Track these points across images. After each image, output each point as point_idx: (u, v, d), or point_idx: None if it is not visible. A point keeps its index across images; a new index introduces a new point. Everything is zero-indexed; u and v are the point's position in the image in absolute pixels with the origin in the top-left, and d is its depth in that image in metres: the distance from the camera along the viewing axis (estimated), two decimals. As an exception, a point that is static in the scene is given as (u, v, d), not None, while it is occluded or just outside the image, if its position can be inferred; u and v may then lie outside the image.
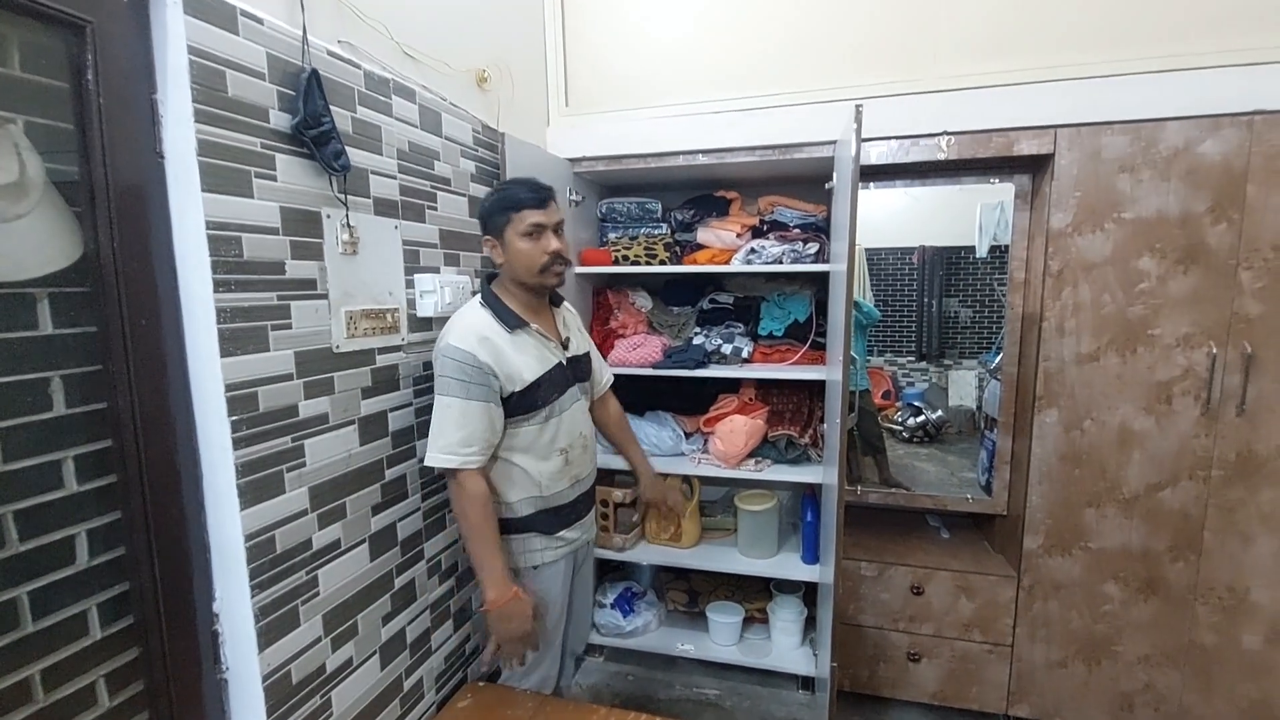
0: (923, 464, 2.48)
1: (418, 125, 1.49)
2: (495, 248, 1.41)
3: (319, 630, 1.23)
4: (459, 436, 1.31)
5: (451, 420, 1.31)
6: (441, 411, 1.32)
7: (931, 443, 2.53)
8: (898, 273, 2.46)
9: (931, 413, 2.51)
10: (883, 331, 2.44)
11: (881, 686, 2.19)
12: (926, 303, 2.42)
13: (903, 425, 2.56)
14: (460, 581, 1.72)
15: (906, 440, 2.55)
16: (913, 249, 2.43)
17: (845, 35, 1.99)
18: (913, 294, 2.43)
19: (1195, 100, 1.70)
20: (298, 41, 1.14)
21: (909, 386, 2.55)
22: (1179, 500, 1.83)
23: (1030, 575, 1.99)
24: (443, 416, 1.31)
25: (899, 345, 2.50)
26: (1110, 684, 1.97)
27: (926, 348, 2.47)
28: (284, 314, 1.13)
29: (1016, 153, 1.84)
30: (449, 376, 1.31)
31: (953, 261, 2.25)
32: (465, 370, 1.30)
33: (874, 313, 2.38)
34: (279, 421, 1.13)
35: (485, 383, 1.32)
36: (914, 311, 2.44)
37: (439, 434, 1.31)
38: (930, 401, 2.52)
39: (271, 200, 1.10)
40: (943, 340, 2.41)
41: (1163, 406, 1.81)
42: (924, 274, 2.41)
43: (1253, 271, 1.70)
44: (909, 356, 2.51)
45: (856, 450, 2.51)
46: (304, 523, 1.19)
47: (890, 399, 2.58)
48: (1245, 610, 1.83)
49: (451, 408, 1.30)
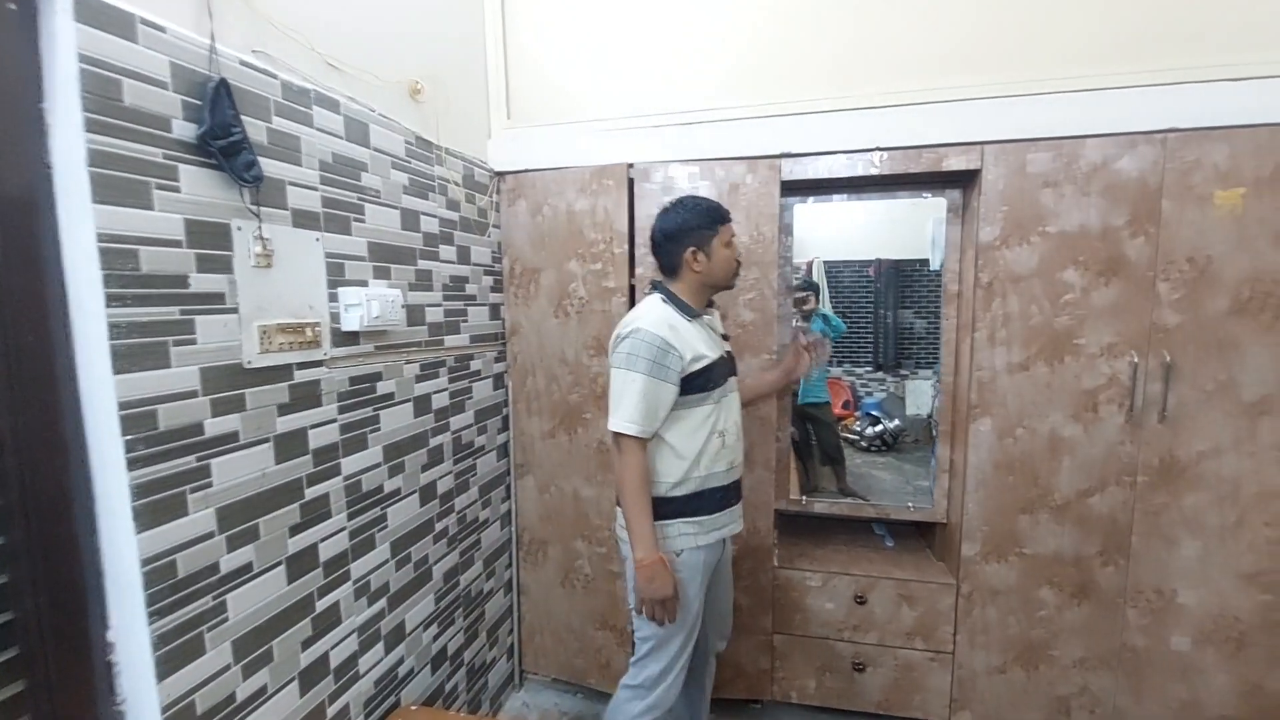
0: (880, 472, 2.51)
1: (343, 136, 1.46)
2: (697, 256, 1.58)
3: (228, 657, 1.18)
4: (641, 409, 1.47)
5: (635, 393, 1.47)
6: (625, 385, 1.48)
7: (889, 451, 2.56)
8: (856, 285, 2.50)
9: (889, 422, 2.54)
10: (842, 343, 2.47)
11: (828, 697, 2.19)
12: (883, 314, 2.46)
13: (861, 435, 2.59)
14: (393, 602, 1.68)
15: (865, 450, 2.58)
16: (870, 262, 2.47)
17: (783, 53, 2.02)
18: (870, 306, 2.47)
19: (1112, 119, 1.76)
20: (205, 50, 1.11)
21: (867, 396, 2.58)
22: (1107, 505, 1.88)
23: (969, 582, 2.02)
24: (626, 388, 1.48)
25: (857, 356, 2.54)
26: (1048, 688, 2.00)
27: (884, 358, 2.51)
28: (187, 329, 1.09)
29: (946, 168, 1.88)
30: (640, 355, 1.47)
31: (908, 274, 2.29)
32: (655, 350, 1.47)
33: (840, 325, 2.41)
34: (181, 440, 1.08)
35: (670, 364, 1.48)
36: (871, 323, 2.47)
37: (623, 404, 1.48)
38: (888, 411, 2.56)
39: (174, 212, 1.07)
40: (899, 351, 2.44)
41: (1090, 414, 1.86)
42: (880, 286, 2.45)
43: (1169, 283, 1.77)
44: (867, 367, 2.55)
45: (815, 460, 2.53)
46: (210, 545, 1.14)
47: (849, 409, 2.61)
48: (1173, 612, 1.88)
49: (635, 382, 1.47)
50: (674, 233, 1.59)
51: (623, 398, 1.48)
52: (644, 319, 1.52)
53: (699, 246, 1.58)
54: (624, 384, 1.49)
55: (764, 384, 1.96)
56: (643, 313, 1.55)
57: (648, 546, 1.48)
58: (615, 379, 1.51)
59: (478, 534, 2.12)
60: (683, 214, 1.59)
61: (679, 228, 1.58)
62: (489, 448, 2.18)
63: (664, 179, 2.07)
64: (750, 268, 2.05)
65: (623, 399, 1.48)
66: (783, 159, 1.99)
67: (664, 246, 1.61)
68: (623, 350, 1.50)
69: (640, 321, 1.52)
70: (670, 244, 1.60)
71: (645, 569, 1.47)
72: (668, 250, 1.60)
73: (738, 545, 2.16)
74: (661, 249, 1.62)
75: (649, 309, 1.56)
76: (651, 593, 1.48)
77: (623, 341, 1.51)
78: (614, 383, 1.52)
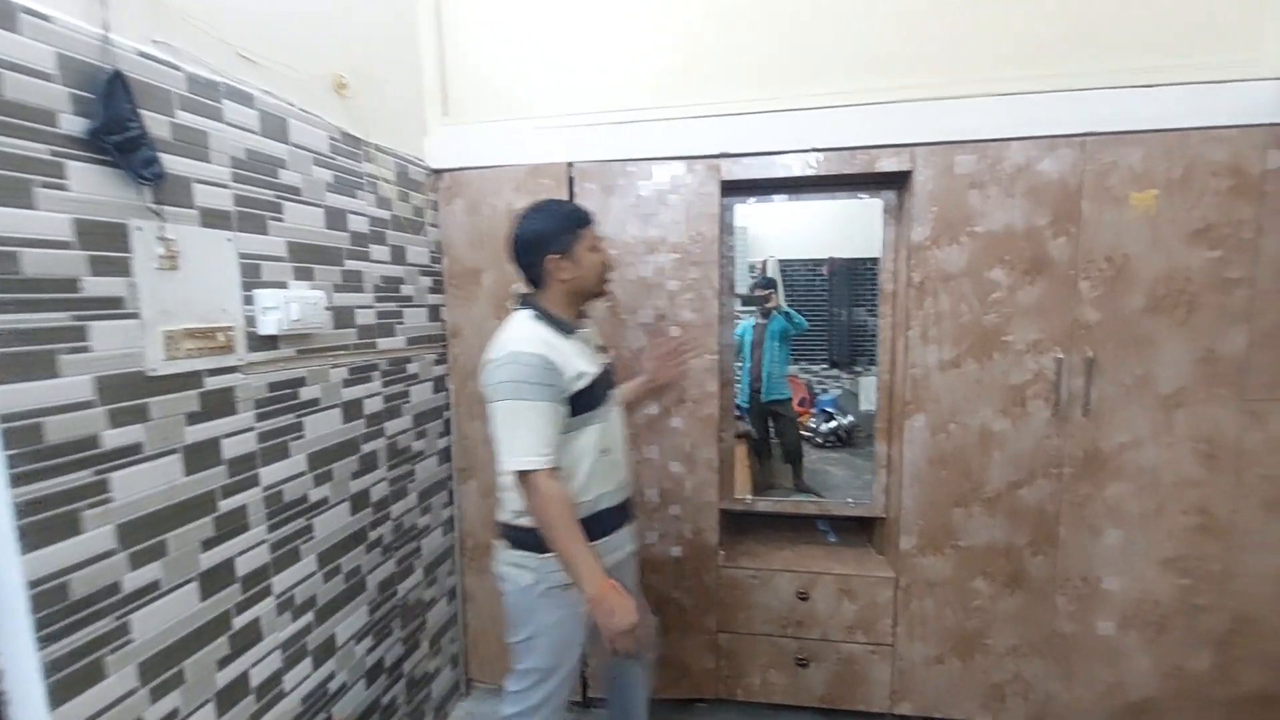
0: (834, 468, 2.54)
1: (257, 132, 1.40)
2: (561, 264, 1.46)
3: (132, 681, 1.12)
4: (538, 438, 1.33)
5: (525, 422, 1.33)
6: (515, 415, 1.34)
7: (843, 447, 2.59)
8: (810, 283, 2.52)
9: (843, 418, 2.58)
10: (797, 340, 2.49)
11: (773, 693, 2.21)
12: (836, 312, 2.49)
13: (815, 431, 2.62)
14: (321, 615, 1.62)
15: (820, 446, 2.61)
16: (823, 260, 2.49)
17: (721, 54, 2.03)
18: (824, 304, 2.49)
19: (1033, 122, 1.81)
20: (98, 41, 1.05)
21: (823, 393, 2.61)
22: (1036, 497, 1.93)
23: (906, 575, 2.06)
24: (517, 420, 1.34)
25: (813, 353, 2.56)
26: (983, 676, 2.05)
27: (838, 355, 2.54)
28: (80, 336, 1.03)
29: (879, 169, 1.92)
30: (521, 381, 1.33)
31: (859, 272, 2.32)
32: (536, 372, 1.34)
33: (802, 323, 2.43)
34: (74, 454, 1.02)
35: (555, 383, 1.37)
36: (825, 320, 2.50)
37: (518, 438, 1.33)
38: (842, 407, 2.59)
39: (62, 212, 1.00)
40: (853, 348, 2.47)
41: (1018, 409, 1.91)
42: (834, 284, 2.48)
43: (1090, 281, 1.83)
44: (822, 364, 2.57)
45: (774, 458, 2.55)
46: (111, 564, 1.08)
47: (805, 406, 2.63)
48: (1099, 599, 1.95)
49: (521, 411, 1.33)
50: (533, 240, 1.47)
51: (515, 430, 1.34)
52: (517, 340, 1.39)
53: (561, 253, 1.46)
54: (512, 415, 1.34)
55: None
56: (514, 334, 1.42)
57: (596, 578, 1.33)
58: (497, 411, 1.35)
59: (417, 541, 2.06)
60: (541, 219, 1.48)
61: (538, 234, 1.46)
62: (429, 452, 2.13)
63: (603, 177, 2.05)
64: (690, 267, 2.05)
65: (516, 431, 1.33)
66: (721, 159, 2.00)
67: (524, 256, 1.49)
68: (501, 378, 1.35)
69: (514, 344, 1.38)
70: (530, 253, 1.47)
71: (601, 603, 1.33)
72: (529, 260, 1.48)
73: (682, 546, 2.16)
74: (522, 259, 1.49)
75: (519, 328, 1.43)
76: (616, 624, 1.33)
77: (500, 368, 1.36)
78: (497, 416, 1.35)
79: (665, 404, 2.11)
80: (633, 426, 2.13)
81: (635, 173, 2.04)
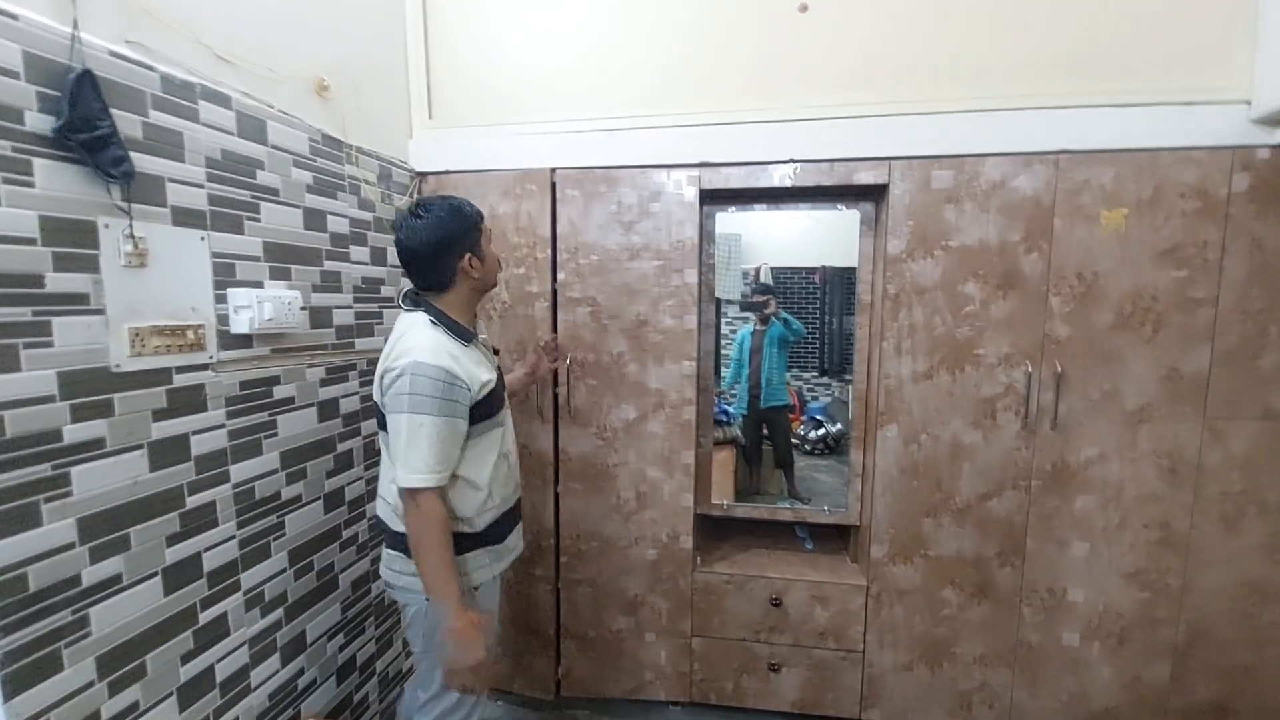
0: (821, 475, 2.56)
1: (234, 132, 1.41)
2: (473, 262, 1.45)
3: (90, 674, 1.13)
4: (436, 455, 1.31)
5: (427, 438, 1.30)
6: (413, 430, 1.30)
7: (832, 454, 2.60)
8: (802, 292, 2.54)
9: (831, 425, 2.59)
10: (790, 348, 2.50)
11: (745, 698, 2.22)
12: (828, 320, 2.50)
13: (804, 439, 2.64)
14: (291, 612, 1.63)
15: (809, 453, 2.62)
16: (815, 269, 2.51)
17: (703, 64, 2.04)
18: (816, 312, 2.51)
19: (1008, 139, 1.84)
20: (66, 39, 1.06)
21: (813, 400, 2.62)
22: (1004, 509, 1.95)
23: (878, 583, 2.07)
24: (416, 435, 1.30)
25: (804, 361, 2.58)
26: (951, 684, 2.07)
27: (828, 363, 2.55)
28: (42, 331, 1.04)
29: (857, 181, 1.94)
30: (425, 395, 1.29)
31: (850, 281, 2.33)
32: (441, 387, 1.31)
33: (800, 329, 2.45)
34: (33, 448, 1.03)
35: (459, 398, 1.34)
36: (817, 328, 2.51)
37: (415, 453, 1.30)
38: (831, 415, 2.60)
39: (26, 208, 1.01)
40: (843, 356, 2.49)
41: (988, 421, 1.93)
42: (826, 293, 2.49)
43: (1060, 297, 1.85)
44: (813, 371, 2.59)
45: (765, 463, 2.56)
46: (69, 557, 1.09)
47: (795, 413, 2.65)
48: (1064, 610, 1.97)
49: (425, 425, 1.30)
50: (444, 241, 1.40)
51: (414, 445, 1.30)
52: (416, 349, 1.33)
53: (473, 251, 1.44)
54: (413, 429, 1.29)
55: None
56: (414, 342, 1.35)
57: (458, 609, 1.33)
58: (400, 424, 1.31)
59: (392, 540, 2.07)
60: (449, 219, 1.41)
61: (451, 235, 1.40)
62: (405, 452, 2.14)
63: (587, 184, 2.07)
64: (671, 274, 2.07)
65: (414, 446, 1.29)
66: (702, 168, 2.01)
67: (436, 259, 1.41)
68: (401, 389, 1.30)
69: (413, 354, 1.32)
70: (443, 255, 1.41)
71: (460, 634, 1.33)
72: (441, 263, 1.42)
73: (658, 550, 2.18)
74: (432, 262, 1.41)
75: (419, 336, 1.36)
76: (465, 659, 1.34)
77: (399, 379, 1.31)
78: (399, 429, 1.31)
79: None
80: (610, 431, 2.15)
81: (618, 179, 2.05)
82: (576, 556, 2.23)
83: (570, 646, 2.28)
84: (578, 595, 2.25)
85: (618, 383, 2.14)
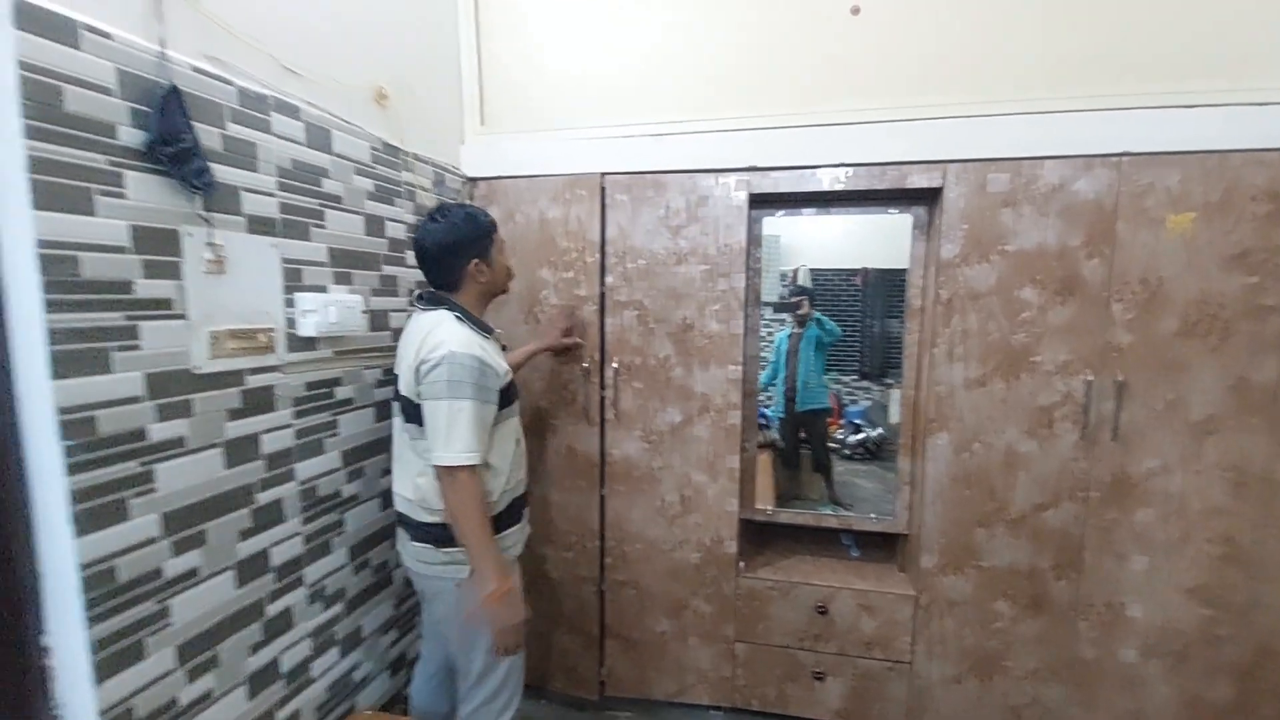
0: (862, 481, 2.53)
1: (303, 142, 1.47)
2: (481, 267, 1.55)
3: (170, 662, 1.18)
4: (475, 436, 1.40)
5: (465, 421, 1.40)
6: (453, 414, 1.39)
7: (872, 460, 2.57)
8: (843, 294, 2.52)
9: (872, 430, 2.56)
10: (829, 350, 2.49)
11: (789, 705, 2.21)
12: (869, 323, 2.48)
13: (843, 443, 2.61)
14: (350, 606, 1.68)
15: (848, 457, 2.60)
16: (857, 270, 2.49)
17: (753, 69, 2.04)
18: (856, 314, 2.49)
19: (1069, 141, 1.79)
20: (155, 57, 1.12)
21: (852, 404, 2.60)
22: (1061, 520, 1.91)
23: (927, 594, 2.04)
24: (456, 418, 1.39)
25: (843, 364, 2.56)
26: (1001, 699, 2.03)
27: (869, 366, 2.53)
28: (131, 334, 1.09)
29: (909, 185, 1.91)
30: (463, 381, 1.40)
31: (894, 284, 2.31)
32: (476, 374, 1.42)
33: (836, 330, 2.42)
34: (123, 446, 1.09)
35: (491, 384, 1.45)
36: (858, 331, 2.49)
37: (456, 435, 1.39)
38: (871, 419, 2.58)
39: (119, 219, 1.07)
40: (884, 359, 2.46)
41: (1045, 430, 1.89)
42: (867, 295, 2.47)
43: (1123, 304, 1.80)
44: (852, 375, 2.57)
45: (804, 468, 2.55)
46: (153, 550, 1.14)
47: (834, 417, 2.63)
48: (1122, 625, 1.91)
49: (465, 409, 1.40)
50: (454, 245, 1.52)
51: (454, 428, 1.39)
52: (450, 341, 1.43)
53: (481, 257, 1.55)
54: (452, 413, 1.39)
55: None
56: (446, 335, 1.44)
57: (503, 574, 1.45)
58: (439, 409, 1.40)
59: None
60: (462, 225, 1.53)
61: (460, 239, 1.52)
62: (455, 452, 2.18)
63: (635, 189, 2.08)
64: (718, 279, 2.07)
65: (454, 429, 1.39)
66: (751, 173, 2.01)
67: (443, 261, 1.53)
68: (439, 378, 1.40)
69: (450, 344, 1.42)
70: (451, 257, 1.53)
71: (501, 598, 1.43)
72: (448, 264, 1.53)
73: (702, 554, 2.19)
74: (441, 263, 1.54)
75: (450, 330, 1.46)
76: (508, 619, 1.46)
77: (437, 369, 1.40)
78: (438, 413, 1.40)
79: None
80: (656, 434, 2.16)
81: (667, 184, 2.06)
82: (620, 558, 2.25)
83: (614, 647, 2.30)
84: (621, 597, 2.27)
85: (663, 386, 2.15)
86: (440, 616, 1.61)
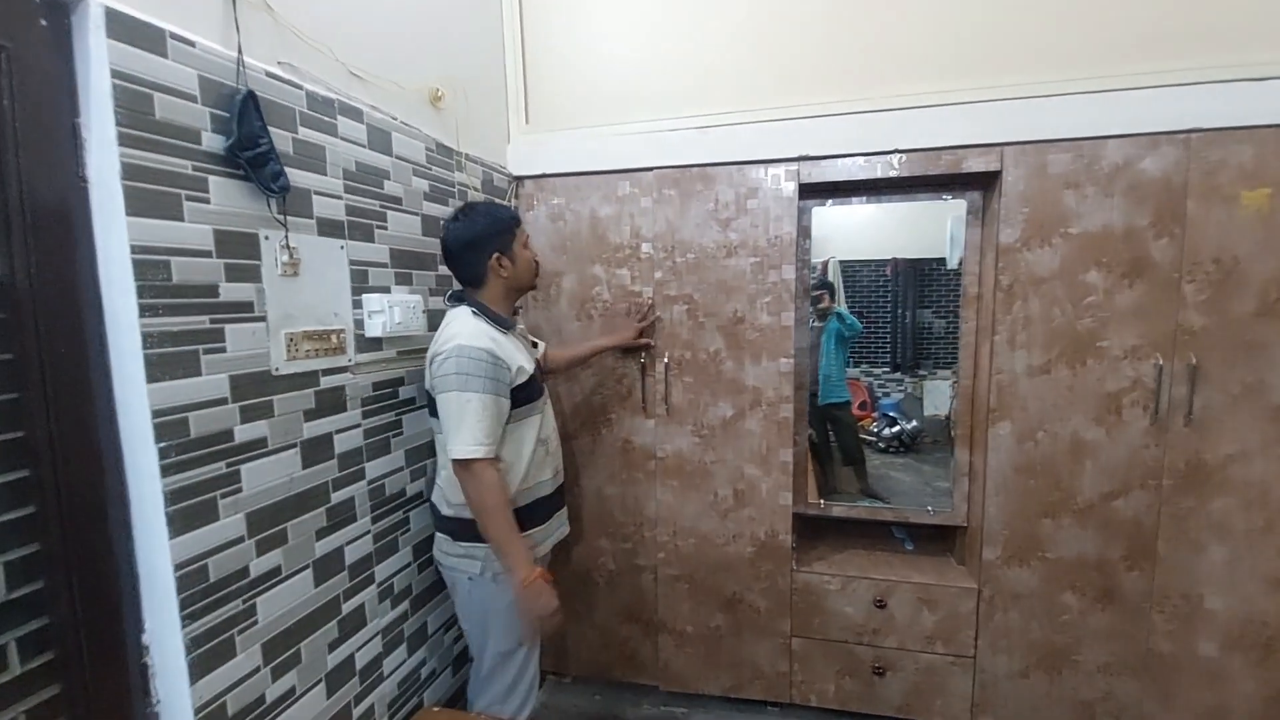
0: (898, 474, 2.50)
1: (366, 145, 1.48)
2: (502, 262, 1.56)
3: (258, 660, 1.20)
4: (484, 428, 1.41)
5: (474, 413, 1.40)
6: (462, 406, 1.41)
7: (907, 452, 2.54)
8: (873, 285, 2.48)
9: (906, 423, 2.53)
10: (859, 343, 2.45)
11: (848, 701, 2.18)
12: (901, 314, 2.44)
13: (878, 436, 2.58)
14: (416, 604, 1.70)
15: (882, 450, 2.56)
16: (887, 261, 2.45)
17: (801, 56, 2.02)
18: (888, 305, 2.45)
19: (1133, 119, 1.74)
20: (233, 63, 1.13)
21: (885, 397, 2.57)
22: (1132, 509, 1.85)
23: (990, 586, 2.00)
24: (464, 410, 1.41)
25: (875, 356, 2.52)
26: (1071, 694, 1.98)
27: (901, 358, 2.49)
28: (217, 337, 1.11)
29: (965, 170, 1.87)
30: (470, 374, 1.41)
31: (925, 273, 2.28)
32: (484, 366, 1.42)
33: (856, 324, 2.39)
34: (212, 447, 1.11)
35: (501, 377, 1.46)
36: (889, 323, 2.46)
37: (464, 427, 1.40)
38: (905, 411, 2.54)
39: (204, 223, 1.09)
40: (917, 351, 2.43)
41: (1112, 417, 1.84)
42: (898, 286, 2.44)
43: (1195, 284, 1.74)
44: (884, 367, 2.53)
45: (835, 461, 2.52)
46: (240, 550, 1.16)
47: (867, 410, 2.59)
48: (1200, 618, 1.85)
49: (472, 402, 1.40)
50: (475, 240, 1.54)
51: (464, 419, 1.40)
52: (461, 335, 1.45)
53: (503, 251, 1.56)
54: (461, 405, 1.41)
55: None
56: (458, 329, 1.47)
57: (528, 564, 1.45)
58: (449, 401, 1.42)
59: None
60: (482, 220, 1.55)
61: (480, 235, 1.54)
62: (508, 451, 2.19)
63: (683, 183, 2.07)
64: (768, 271, 2.05)
65: (464, 420, 1.40)
66: (801, 162, 1.99)
67: (464, 256, 1.56)
68: (448, 370, 1.42)
69: (460, 338, 1.44)
70: (471, 253, 1.55)
71: (530, 588, 1.44)
72: (469, 260, 1.56)
73: (756, 548, 2.17)
74: (462, 259, 1.56)
75: (462, 323, 1.49)
76: (539, 609, 1.46)
77: (446, 361, 1.43)
78: (449, 405, 1.42)
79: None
80: (707, 428, 2.15)
81: (715, 177, 2.05)
82: (673, 552, 2.24)
83: (668, 641, 2.29)
84: (675, 590, 2.26)
85: (714, 380, 2.14)
86: (457, 608, 1.66)
